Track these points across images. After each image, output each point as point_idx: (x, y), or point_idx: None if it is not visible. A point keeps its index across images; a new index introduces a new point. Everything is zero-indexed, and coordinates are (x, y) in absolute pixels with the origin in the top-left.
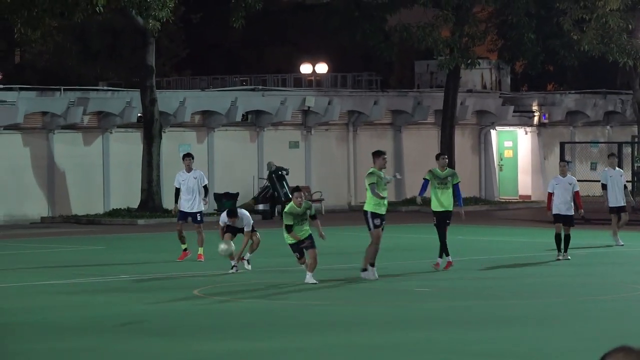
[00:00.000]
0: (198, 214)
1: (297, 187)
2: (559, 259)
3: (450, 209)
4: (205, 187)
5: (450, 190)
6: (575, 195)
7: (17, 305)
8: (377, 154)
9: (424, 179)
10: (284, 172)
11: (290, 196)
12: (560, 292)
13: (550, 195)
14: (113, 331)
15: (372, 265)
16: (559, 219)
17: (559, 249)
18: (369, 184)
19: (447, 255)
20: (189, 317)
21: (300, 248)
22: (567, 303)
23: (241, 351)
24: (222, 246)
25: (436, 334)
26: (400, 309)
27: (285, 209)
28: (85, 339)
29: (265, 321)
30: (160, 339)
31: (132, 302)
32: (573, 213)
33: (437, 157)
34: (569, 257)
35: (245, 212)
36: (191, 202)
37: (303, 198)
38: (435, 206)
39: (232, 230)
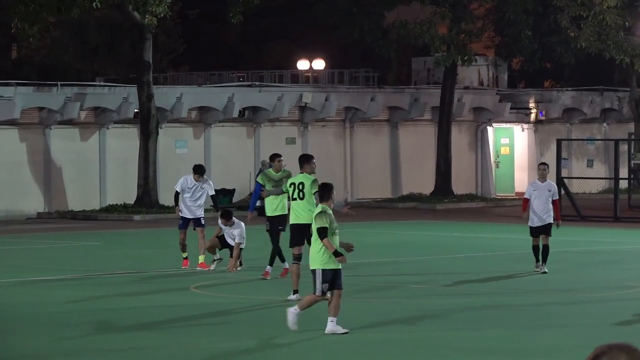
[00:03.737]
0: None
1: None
2: (536, 270)
3: (284, 212)
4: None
5: (286, 194)
6: (554, 205)
7: (11, 301)
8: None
9: (256, 182)
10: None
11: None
12: (557, 289)
13: (527, 201)
14: (109, 326)
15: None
16: (537, 232)
17: (537, 259)
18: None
19: (283, 261)
20: (185, 313)
21: (332, 277)
22: (562, 300)
23: (238, 347)
24: None
25: (434, 330)
26: (397, 306)
27: (320, 207)
28: (80, 334)
29: (262, 317)
30: (156, 334)
31: (128, 298)
32: (552, 221)
33: (272, 158)
34: (547, 270)
35: (242, 223)
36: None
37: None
38: (269, 211)
39: (224, 242)
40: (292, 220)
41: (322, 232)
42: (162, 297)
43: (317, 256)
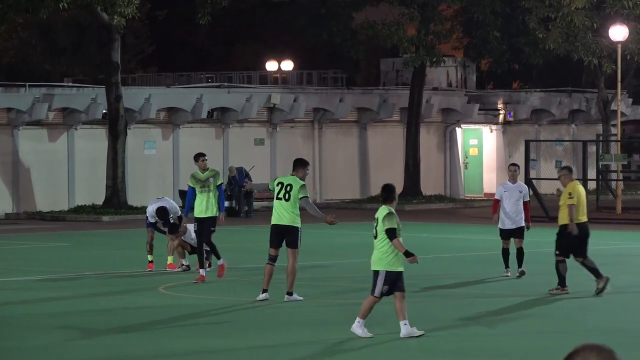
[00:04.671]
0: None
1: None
2: (507, 275)
3: (213, 214)
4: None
5: (213, 193)
6: (525, 206)
7: None
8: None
9: (189, 186)
10: (244, 169)
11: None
12: (527, 289)
13: (497, 202)
14: (78, 328)
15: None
16: (507, 234)
17: (506, 265)
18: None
19: (219, 258)
20: (153, 314)
21: (395, 279)
22: (533, 301)
23: (207, 348)
24: None
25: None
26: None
27: (386, 209)
28: (49, 336)
29: (230, 318)
30: (125, 336)
31: (96, 299)
32: (523, 223)
33: (196, 157)
34: (525, 272)
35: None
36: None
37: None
38: (198, 212)
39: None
40: (274, 220)
41: (392, 233)
42: (132, 298)
43: (383, 257)
